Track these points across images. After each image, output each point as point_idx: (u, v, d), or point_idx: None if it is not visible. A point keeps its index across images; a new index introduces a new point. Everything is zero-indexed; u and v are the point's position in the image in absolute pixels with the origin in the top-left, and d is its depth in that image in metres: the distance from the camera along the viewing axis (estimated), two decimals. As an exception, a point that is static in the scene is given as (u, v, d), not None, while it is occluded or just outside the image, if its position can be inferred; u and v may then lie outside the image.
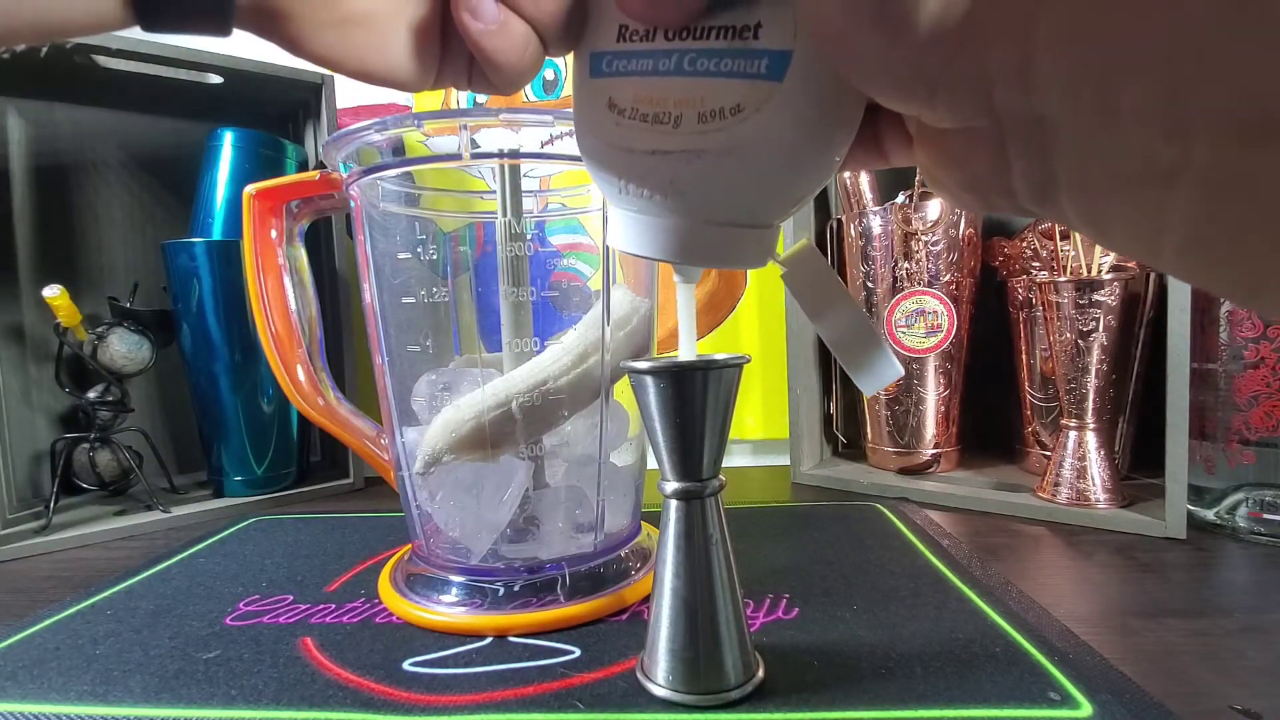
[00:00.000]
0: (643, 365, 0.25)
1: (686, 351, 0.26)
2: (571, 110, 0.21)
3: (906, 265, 0.56)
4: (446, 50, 0.21)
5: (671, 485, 0.26)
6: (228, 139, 0.60)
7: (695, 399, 0.25)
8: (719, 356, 0.25)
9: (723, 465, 0.27)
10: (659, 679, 0.27)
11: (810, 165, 0.19)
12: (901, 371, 0.25)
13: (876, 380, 0.24)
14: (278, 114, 0.69)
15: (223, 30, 0.18)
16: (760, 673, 0.27)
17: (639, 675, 0.28)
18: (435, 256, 0.36)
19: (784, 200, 0.21)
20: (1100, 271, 0.49)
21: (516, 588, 0.34)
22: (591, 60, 0.20)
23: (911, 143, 0.20)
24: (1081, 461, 0.49)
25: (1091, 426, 0.49)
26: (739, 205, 0.20)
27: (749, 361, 0.26)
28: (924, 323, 0.56)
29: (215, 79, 0.60)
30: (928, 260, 0.55)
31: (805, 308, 0.25)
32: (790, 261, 0.25)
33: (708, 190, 0.19)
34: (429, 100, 0.73)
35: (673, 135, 0.18)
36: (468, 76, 0.21)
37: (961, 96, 0.14)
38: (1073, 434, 0.49)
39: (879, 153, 0.21)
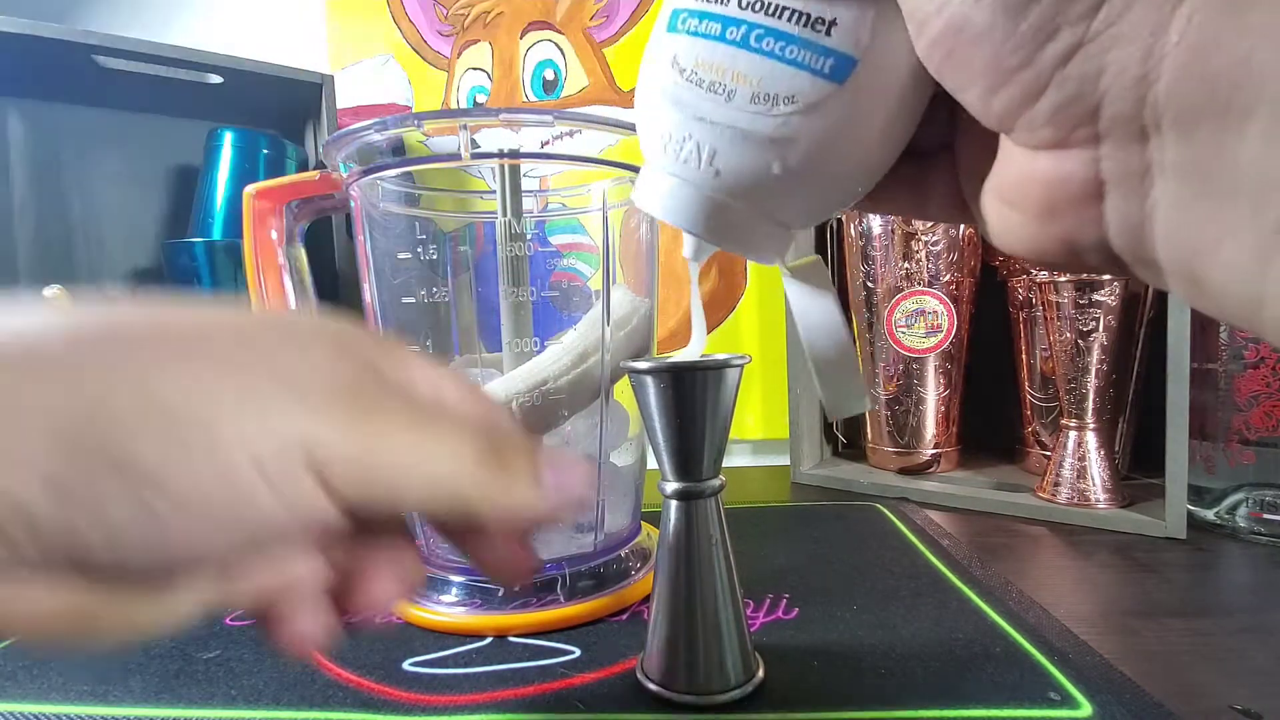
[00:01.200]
0: (643, 365, 0.25)
1: (696, 342, 0.26)
2: (571, 111, 0.21)
3: (906, 265, 0.56)
4: None
5: (671, 485, 0.26)
6: (228, 139, 0.60)
7: (695, 399, 0.25)
8: (719, 356, 0.25)
9: (723, 465, 0.27)
10: (659, 679, 0.27)
11: (845, 177, 0.19)
12: (870, 406, 0.25)
13: (843, 408, 0.24)
14: (278, 114, 0.69)
15: None
16: (760, 673, 0.27)
17: (639, 675, 0.28)
18: (435, 256, 0.36)
19: (810, 206, 0.21)
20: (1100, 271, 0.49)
21: (516, 588, 0.34)
22: (670, 14, 0.20)
23: (958, 202, 0.19)
24: (1081, 461, 0.49)
25: (1091, 426, 0.49)
26: (768, 196, 0.20)
27: (749, 361, 0.26)
28: (924, 323, 0.56)
29: (215, 79, 0.60)
30: (928, 260, 0.55)
31: (799, 320, 0.25)
32: (798, 272, 0.25)
33: (742, 171, 0.19)
34: (429, 100, 0.73)
35: (723, 107, 0.18)
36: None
37: (1070, 98, 0.14)
38: (1073, 434, 0.49)
39: (919, 203, 0.21)
